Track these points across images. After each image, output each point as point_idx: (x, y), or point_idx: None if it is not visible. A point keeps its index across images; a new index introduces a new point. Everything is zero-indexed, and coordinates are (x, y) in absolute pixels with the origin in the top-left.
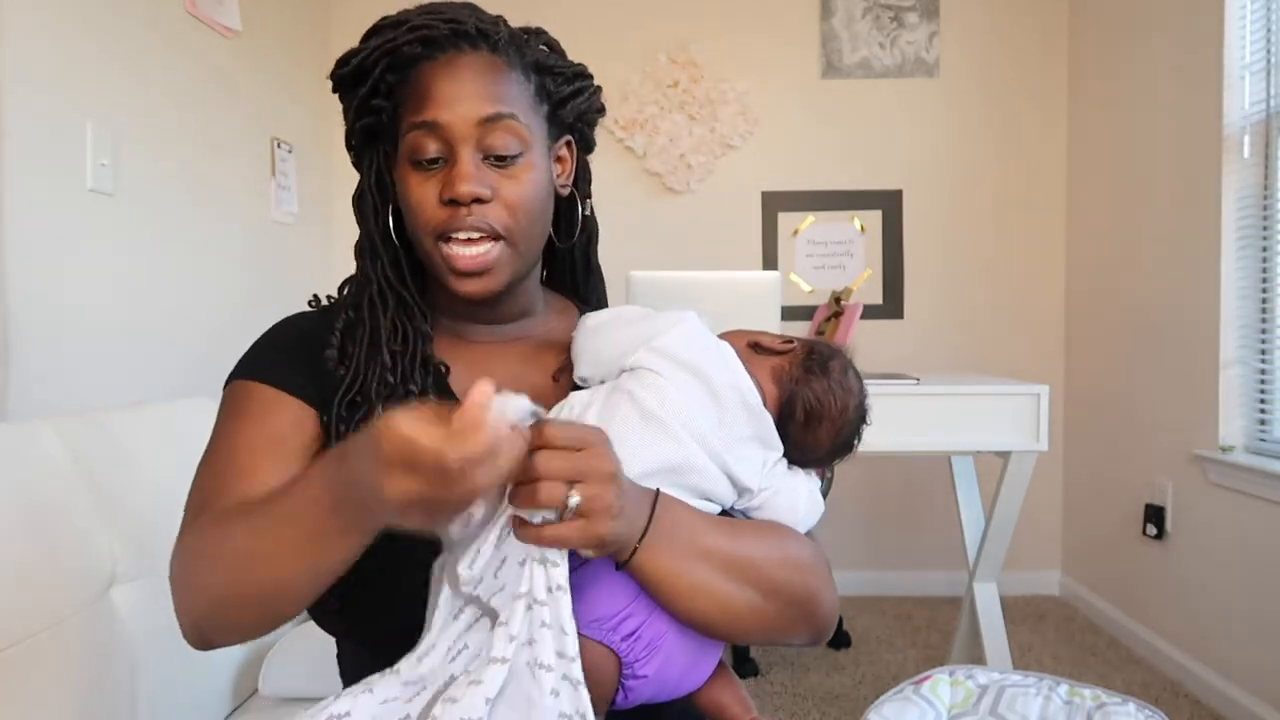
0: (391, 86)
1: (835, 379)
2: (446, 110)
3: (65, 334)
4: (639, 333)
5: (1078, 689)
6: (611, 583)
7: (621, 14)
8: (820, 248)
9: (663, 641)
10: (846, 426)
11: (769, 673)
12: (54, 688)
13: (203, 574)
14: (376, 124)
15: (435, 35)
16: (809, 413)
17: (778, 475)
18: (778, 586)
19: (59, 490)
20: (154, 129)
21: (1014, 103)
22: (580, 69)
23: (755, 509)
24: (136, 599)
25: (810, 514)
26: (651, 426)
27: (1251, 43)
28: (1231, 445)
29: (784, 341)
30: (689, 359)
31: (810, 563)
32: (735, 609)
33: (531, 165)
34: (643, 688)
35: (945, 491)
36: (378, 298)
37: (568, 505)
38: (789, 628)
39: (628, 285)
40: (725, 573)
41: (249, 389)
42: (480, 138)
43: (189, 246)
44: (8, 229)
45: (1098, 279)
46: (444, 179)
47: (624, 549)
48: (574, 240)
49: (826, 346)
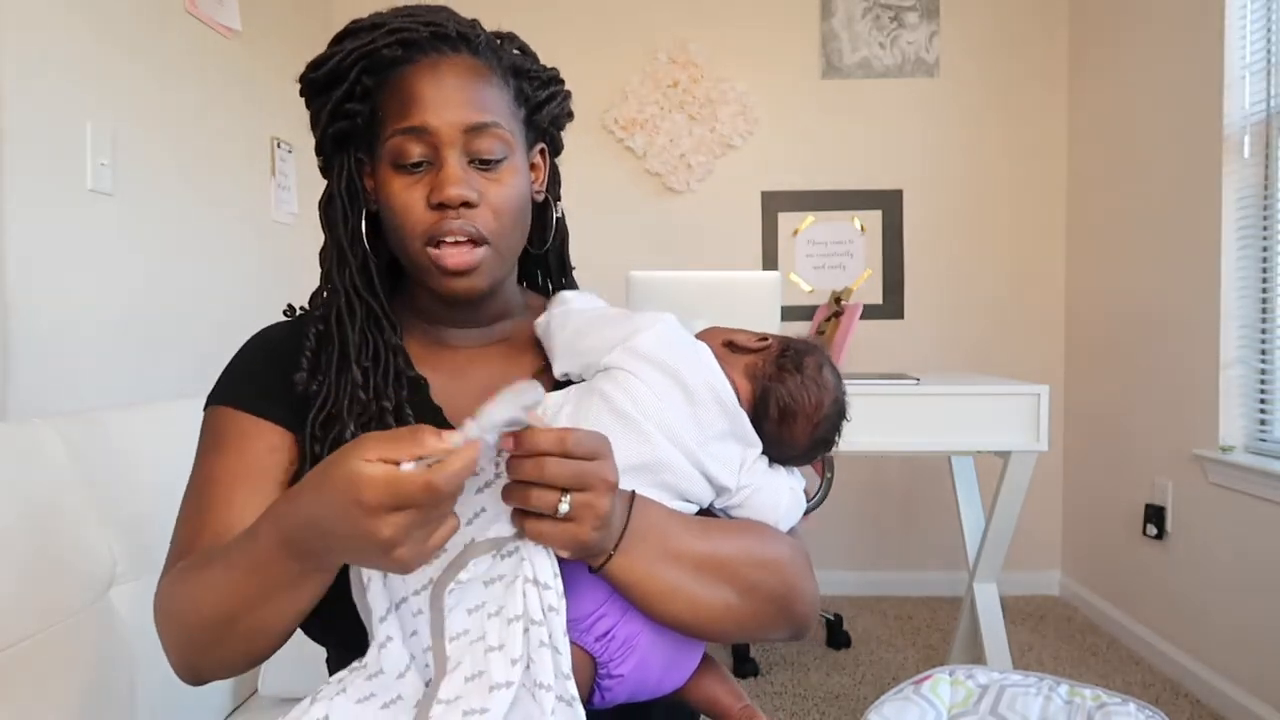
0: (368, 89)
1: (809, 375)
2: (434, 115)
3: (65, 334)
4: (616, 333)
5: (1078, 689)
6: (584, 584)
7: (621, 14)
8: (820, 248)
9: (638, 641)
10: (823, 423)
11: (769, 673)
12: (54, 688)
13: (181, 619)
14: (350, 128)
15: (415, 38)
16: (783, 409)
17: (758, 473)
18: (752, 585)
19: (59, 490)
20: (154, 129)
21: (1014, 102)
22: (554, 74)
23: (736, 507)
24: (136, 599)
25: (792, 512)
26: (622, 425)
27: (1251, 43)
28: (1231, 445)
29: (759, 339)
30: (663, 359)
31: (787, 559)
32: (709, 610)
33: (515, 169)
34: (619, 687)
35: (945, 491)
36: (345, 309)
37: (557, 512)
38: (767, 625)
39: (628, 285)
40: (698, 574)
41: (225, 417)
42: (466, 143)
43: (189, 246)
44: (8, 229)
45: (1098, 279)
46: (431, 183)
47: (599, 554)
48: (548, 245)
49: (802, 343)
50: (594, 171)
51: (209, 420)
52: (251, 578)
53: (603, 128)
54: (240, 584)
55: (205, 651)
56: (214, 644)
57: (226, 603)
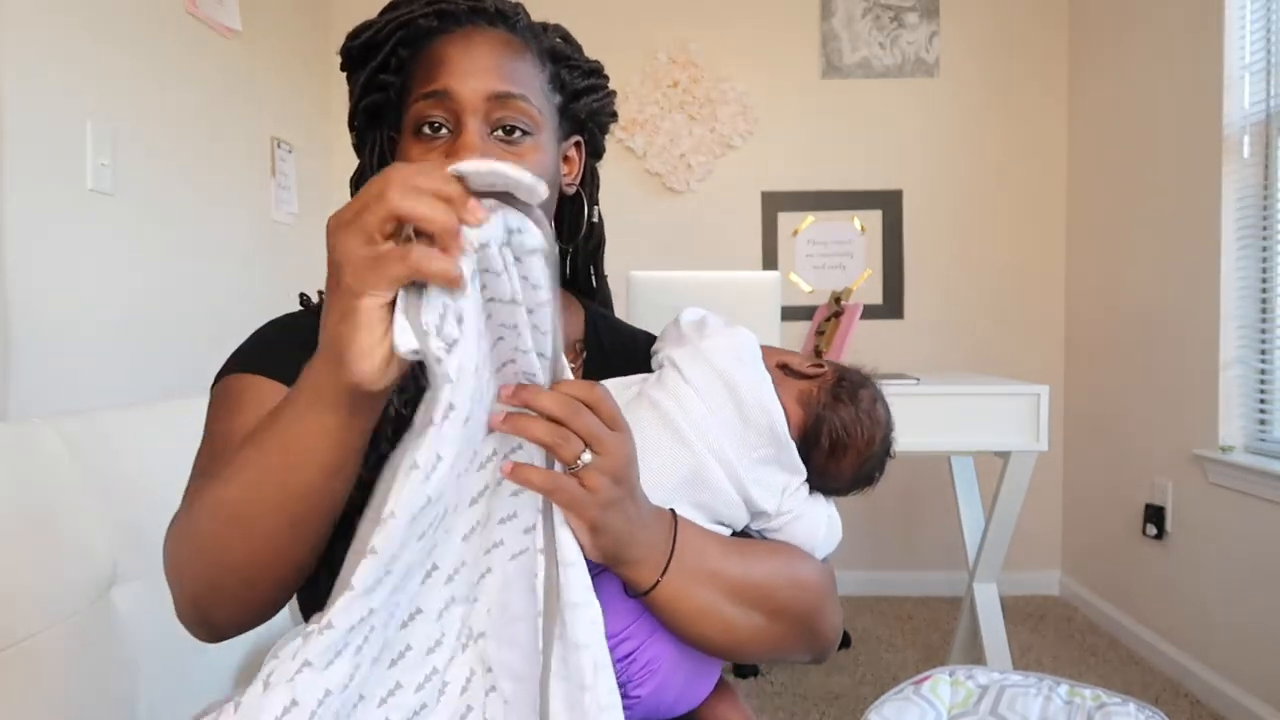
0: (403, 61)
1: (864, 409)
2: (457, 80)
3: (65, 334)
4: (691, 332)
5: (1078, 689)
6: (613, 602)
7: (621, 14)
8: (820, 248)
9: (660, 665)
10: (871, 459)
11: (769, 673)
12: (54, 688)
13: (191, 538)
14: (383, 101)
15: (453, 9)
16: (834, 441)
17: (799, 500)
18: (783, 608)
19: (59, 490)
20: (154, 129)
21: (1014, 102)
22: (596, 65)
23: (774, 531)
24: (136, 599)
25: (829, 541)
26: (670, 436)
27: (1251, 43)
28: (1231, 445)
29: (814, 365)
30: (726, 369)
31: (816, 583)
32: (740, 631)
33: (539, 148)
34: (636, 709)
35: (945, 491)
36: None
37: (579, 460)
38: (792, 647)
39: (628, 285)
40: (732, 596)
41: (240, 381)
42: (489, 111)
43: (189, 246)
44: (8, 229)
45: (1098, 279)
46: (448, 150)
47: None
48: (576, 242)
49: (857, 374)
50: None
51: (220, 389)
52: (268, 448)
53: None
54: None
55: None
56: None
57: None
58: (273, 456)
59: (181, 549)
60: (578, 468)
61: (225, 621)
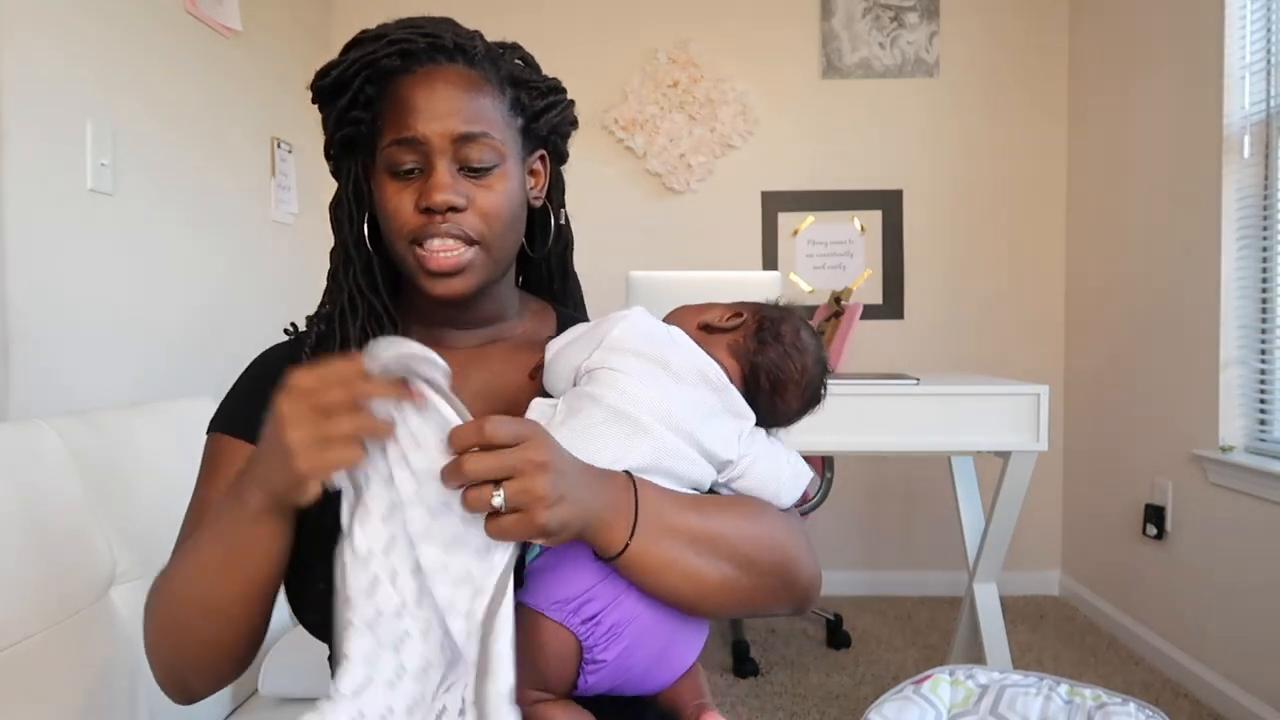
0: (370, 98)
1: (789, 343)
2: (425, 125)
3: (65, 334)
4: (589, 340)
5: (1078, 689)
6: (576, 564)
7: (621, 14)
8: (820, 248)
9: (626, 629)
10: (811, 384)
11: (769, 673)
12: (54, 688)
13: (162, 620)
14: (355, 134)
15: (413, 49)
16: (773, 381)
17: (756, 442)
18: (751, 559)
19: (59, 490)
20: (154, 129)
21: (1014, 103)
22: (554, 84)
23: (738, 478)
24: (136, 599)
25: (794, 483)
26: (620, 425)
27: (1251, 43)
28: (1231, 445)
29: (732, 315)
30: (640, 347)
31: (784, 532)
32: (707, 583)
33: (505, 175)
34: (602, 673)
35: (945, 491)
36: (348, 306)
37: (493, 506)
38: (767, 599)
39: (628, 285)
40: (694, 547)
41: (220, 443)
42: (456, 150)
43: (189, 246)
44: (8, 229)
45: (1098, 279)
46: (420, 188)
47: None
48: (548, 249)
49: (774, 309)
50: (594, 171)
51: (207, 447)
52: (216, 545)
53: (603, 128)
54: (206, 555)
55: (189, 654)
56: (196, 641)
57: (199, 580)
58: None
59: (149, 630)
60: (502, 507)
61: (198, 684)
